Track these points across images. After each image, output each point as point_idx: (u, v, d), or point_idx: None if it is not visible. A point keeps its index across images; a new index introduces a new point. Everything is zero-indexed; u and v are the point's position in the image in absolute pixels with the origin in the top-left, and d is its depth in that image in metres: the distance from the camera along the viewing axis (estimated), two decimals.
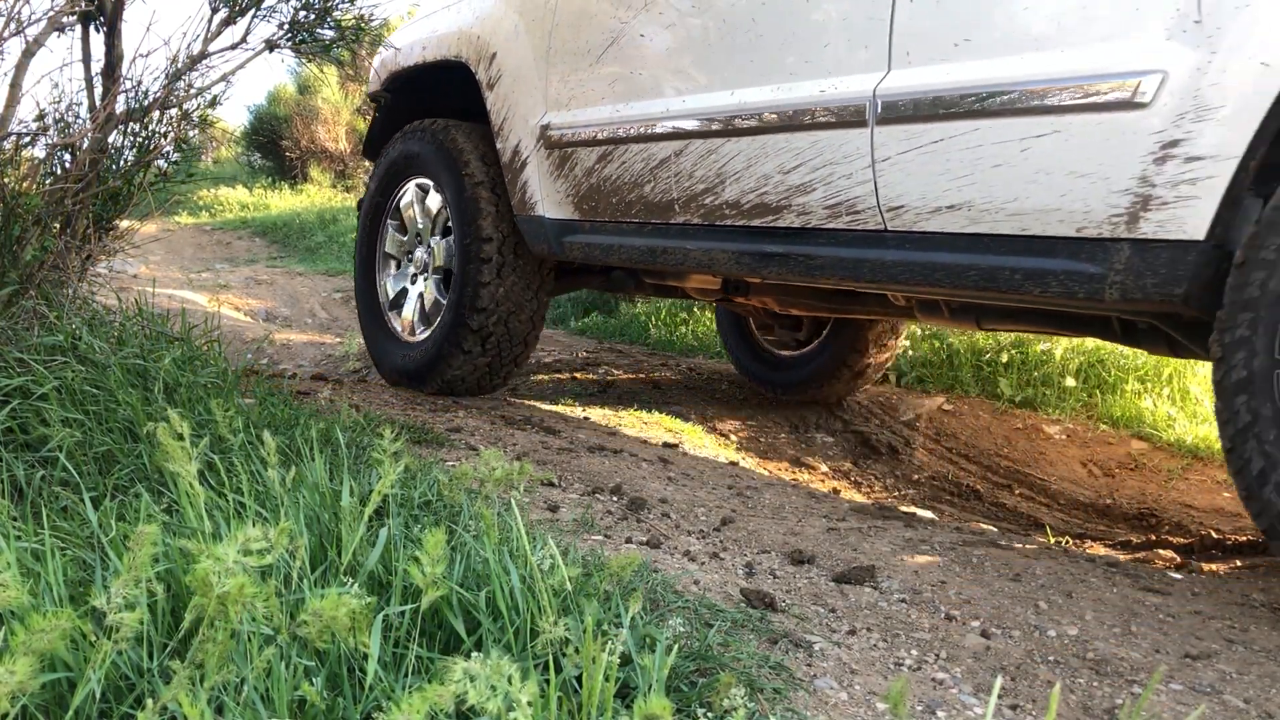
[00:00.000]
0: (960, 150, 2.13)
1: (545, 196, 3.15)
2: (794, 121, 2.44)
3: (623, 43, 2.88)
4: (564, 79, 3.06)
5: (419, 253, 3.54)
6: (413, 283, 3.59)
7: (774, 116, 2.49)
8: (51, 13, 2.49)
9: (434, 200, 3.47)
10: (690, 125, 2.70)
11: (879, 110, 2.26)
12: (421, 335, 3.48)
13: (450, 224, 3.37)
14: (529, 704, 0.81)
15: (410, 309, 3.57)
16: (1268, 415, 1.67)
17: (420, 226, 3.53)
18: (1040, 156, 2.01)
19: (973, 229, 2.15)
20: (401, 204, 3.61)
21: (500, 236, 3.24)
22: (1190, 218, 1.82)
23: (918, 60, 2.21)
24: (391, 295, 3.65)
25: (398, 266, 3.65)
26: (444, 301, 3.39)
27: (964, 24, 2.13)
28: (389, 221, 3.65)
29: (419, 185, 3.54)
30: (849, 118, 2.32)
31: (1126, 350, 4.99)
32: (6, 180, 2.28)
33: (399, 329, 3.58)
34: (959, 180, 2.14)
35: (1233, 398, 1.72)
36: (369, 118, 3.86)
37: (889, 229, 2.30)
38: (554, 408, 3.75)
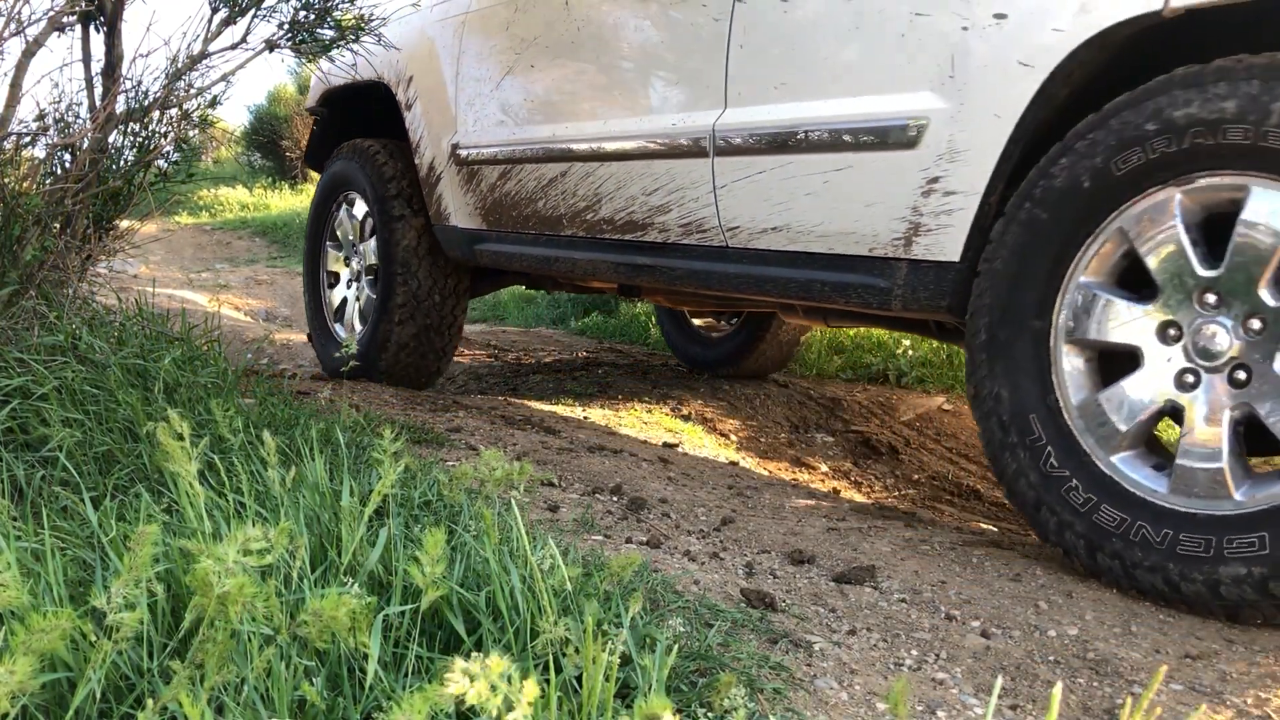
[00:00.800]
0: (780, 180, 2.45)
1: (457, 209, 3.49)
2: (654, 150, 2.76)
3: (516, 73, 3.21)
4: (470, 103, 3.40)
5: (354, 262, 3.92)
6: (348, 287, 3.99)
7: (638, 145, 2.81)
8: (51, 13, 2.49)
9: (359, 209, 3.86)
10: (572, 149, 3.00)
11: (717, 143, 2.58)
12: (359, 334, 3.83)
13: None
14: (529, 704, 0.81)
15: (350, 311, 3.96)
16: (1012, 451, 2.03)
17: (351, 237, 3.91)
18: (839, 187, 2.33)
19: (792, 248, 2.48)
20: (337, 221, 3.98)
21: (415, 243, 3.59)
22: (949, 242, 2.15)
23: (746, 101, 2.52)
24: (335, 307, 4.04)
25: (337, 280, 4.06)
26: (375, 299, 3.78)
27: (780, 69, 2.44)
28: (328, 243, 4.04)
29: (349, 200, 3.89)
30: (695, 149, 2.63)
31: None
32: (6, 180, 2.28)
33: (343, 335, 3.95)
34: (779, 206, 2.47)
35: (977, 385, 2.09)
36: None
37: (729, 246, 2.63)
38: (554, 408, 3.75)
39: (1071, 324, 1.94)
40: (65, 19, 2.56)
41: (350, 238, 3.92)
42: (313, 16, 2.82)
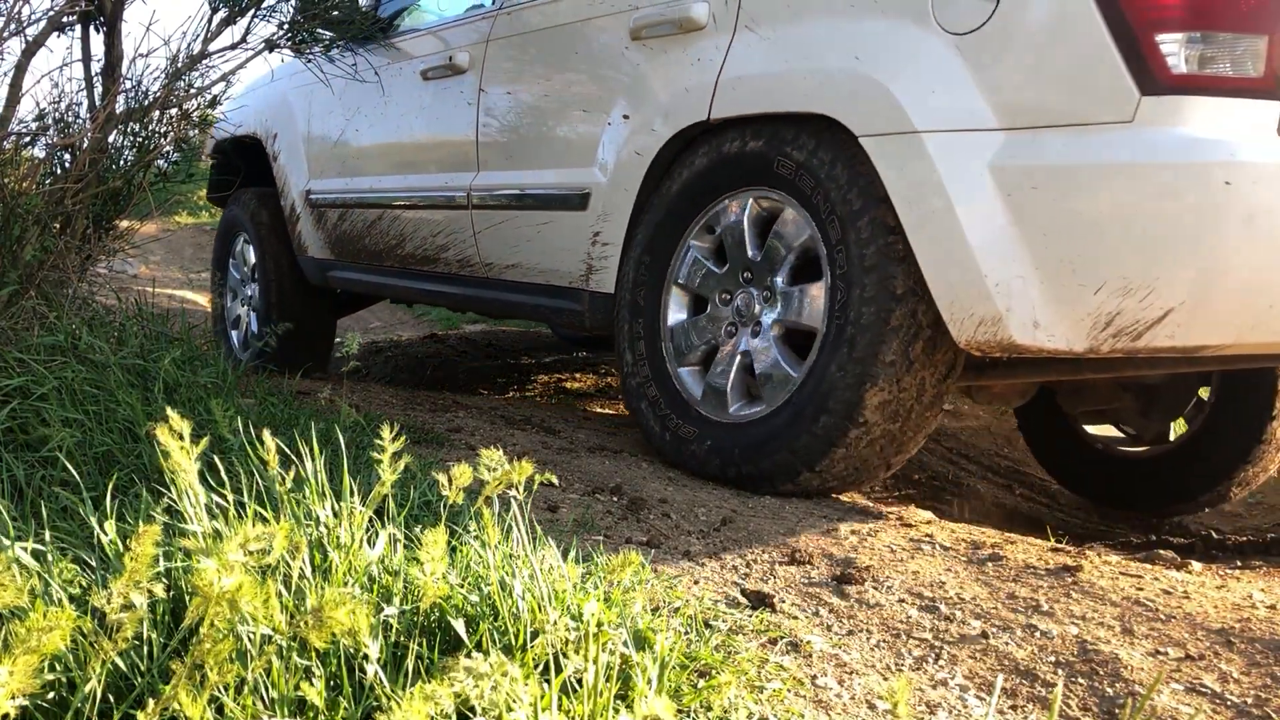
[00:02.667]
0: (513, 229, 3.17)
1: (312, 243, 4.21)
2: (436, 202, 3.48)
3: (347, 134, 3.94)
4: (317, 157, 4.11)
5: (246, 287, 4.65)
6: (242, 305, 4.70)
7: (426, 198, 3.53)
8: (51, 13, 2.49)
9: (250, 253, 4.59)
10: (384, 199, 3.74)
11: (473, 199, 3.30)
12: (249, 338, 4.59)
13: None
14: (529, 704, 0.81)
15: (244, 323, 4.68)
16: (652, 396, 2.70)
17: (245, 268, 4.65)
18: (547, 236, 3.04)
19: (525, 279, 3.18)
20: (233, 255, 4.75)
21: (281, 272, 4.35)
22: (607, 279, 2.84)
23: (490, 167, 3.27)
24: (231, 319, 4.78)
25: (234, 295, 4.77)
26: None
27: (508, 145, 3.20)
28: (230, 264, 4.77)
29: (240, 239, 4.65)
30: (461, 202, 3.35)
31: None
32: (6, 180, 2.28)
33: (236, 343, 4.69)
34: (515, 248, 3.19)
35: (627, 383, 2.78)
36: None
37: (492, 278, 3.34)
38: (554, 407, 3.75)
39: (680, 275, 2.68)
40: (65, 19, 2.56)
41: (244, 268, 4.68)
42: (312, 16, 2.82)
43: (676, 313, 2.70)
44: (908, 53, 2.18)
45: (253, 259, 4.50)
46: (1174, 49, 1.89)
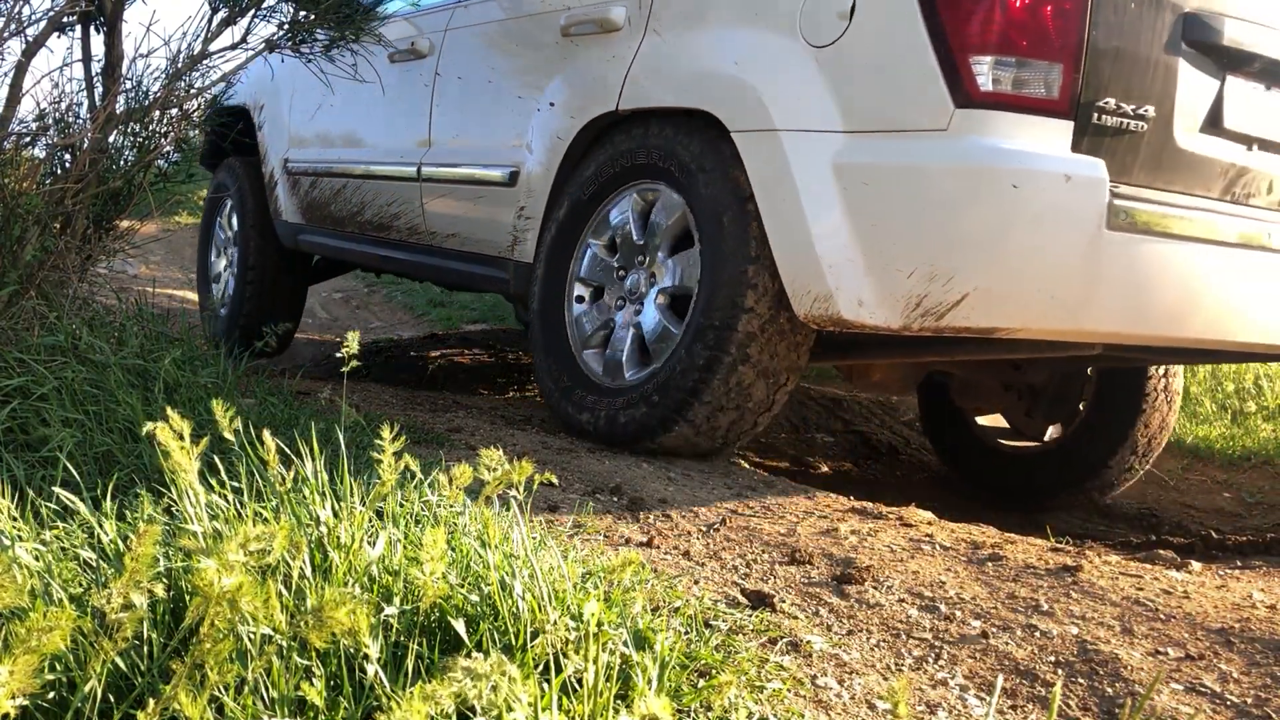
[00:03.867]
0: (455, 201, 3.49)
1: (287, 207, 4.48)
2: (391, 175, 3.80)
3: (323, 107, 4.17)
4: (296, 128, 4.41)
5: (229, 250, 4.92)
6: (224, 267, 4.97)
7: (383, 170, 3.85)
8: (51, 13, 2.49)
9: (234, 216, 4.88)
10: (348, 169, 4.05)
11: (423, 173, 3.61)
12: (227, 303, 4.88)
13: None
14: (529, 704, 0.81)
15: (224, 280, 4.96)
16: (542, 356, 3.00)
17: (228, 231, 4.93)
18: (483, 209, 3.36)
19: (464, 248, 3.48)
20: (219, 216, 5.05)
21: (260, 233, 4.62)
22: (529, 249, 3.11)
23: (439, 144, 3.59)
24: (213, 274, 5.08)
25: (219, 254, 5.09)
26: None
27: (456, 125, 3.55)
28: (216, 224, 5.07)
29: (229, 202, 4.91)
30: (412, 176, 3.66)
31: None
32: (6, 180, 2.28)
33: (215, 295, 5.02)
34: (455, 219, 3.51)
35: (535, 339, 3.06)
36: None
37: (434, 245, 3.64)
38: None
39: (581, 269, 2.96)
40: (65, 19, 2.56)
41: (229, 231, 4.94)
42: (312, 17, 2.82)
43: (580, 300, 3.00)
44: (776, 61, 2.47)
45: (235, 222, 4.83)
46: (984, 70, 2.18)
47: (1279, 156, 2.59)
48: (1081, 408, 3.46)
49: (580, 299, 2.98)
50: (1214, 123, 2.44)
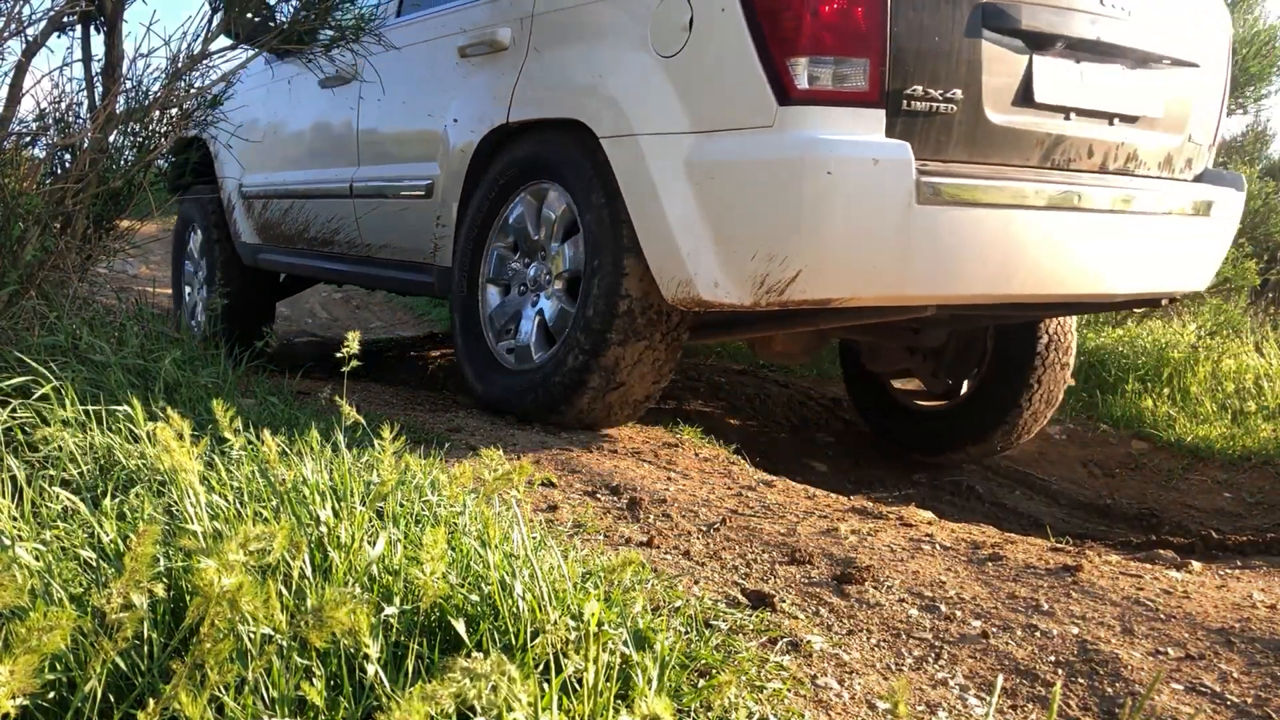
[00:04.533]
0: (384, 214, 3.80)
1: (245, 229, 4.85)
2: (330, 192, 4.13)
3: (268, 134, 4.58)
4: (247, 155, 4.58)
5: (199, 273, 5.34)
6: (194, 288, 5.40)
7: (322, 188, 4.18)
8: (52, 13, 2.49)
9: (199, 241, 5.30)
10: (294, 190, 4.40)
11: (355, 189, 3.94)
12: (199, 316, 5.27)
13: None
14: (529, 704, 0.81)
15: (196, 300, 5.42)
16: (462, 347, 3.30)
17: (195, 258, 5.36)
18: (407, 220, 3.64)
19: (396, 257, 3.81)
20: (187, 239, 5.44)
21: (224, 255, 4.99)
22: (448, 254, 3.39)
23: (366, 163, 3.92)
24: (186, 295, 5.50)
25: (189, 277, 5.48)
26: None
27: (380, 143, 3.88)
28: (186, 250, 5.47)
29: (192, 229, 5.31)
30: (347, 192, 3.99)
31: (1127, 350, 5.00)
32: (7, 180, 2.28)
33: (188, 316, 5.42)
34: (384, 231, 3.83)
35: (456, 328, 3.35)
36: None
37: (371, 256, 3.99)
38: None
39: (490, 270, 3.24)
40: (65, 19, 2.56)
41: (196, 255, 5.34)
42: (313, 17, 2.82)
43: (492, 298, 3.30)
44: (632, 73, 2.71)
45: (201, 246, 5.22)
46: (799, 70, 2.41)
47: (1097, 123, 2.85)
48: (981, 367, 3.75)
49: (491, 295, 3.27)
50: (1025, 99, 2.68)
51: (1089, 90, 2.82)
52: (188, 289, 5.44)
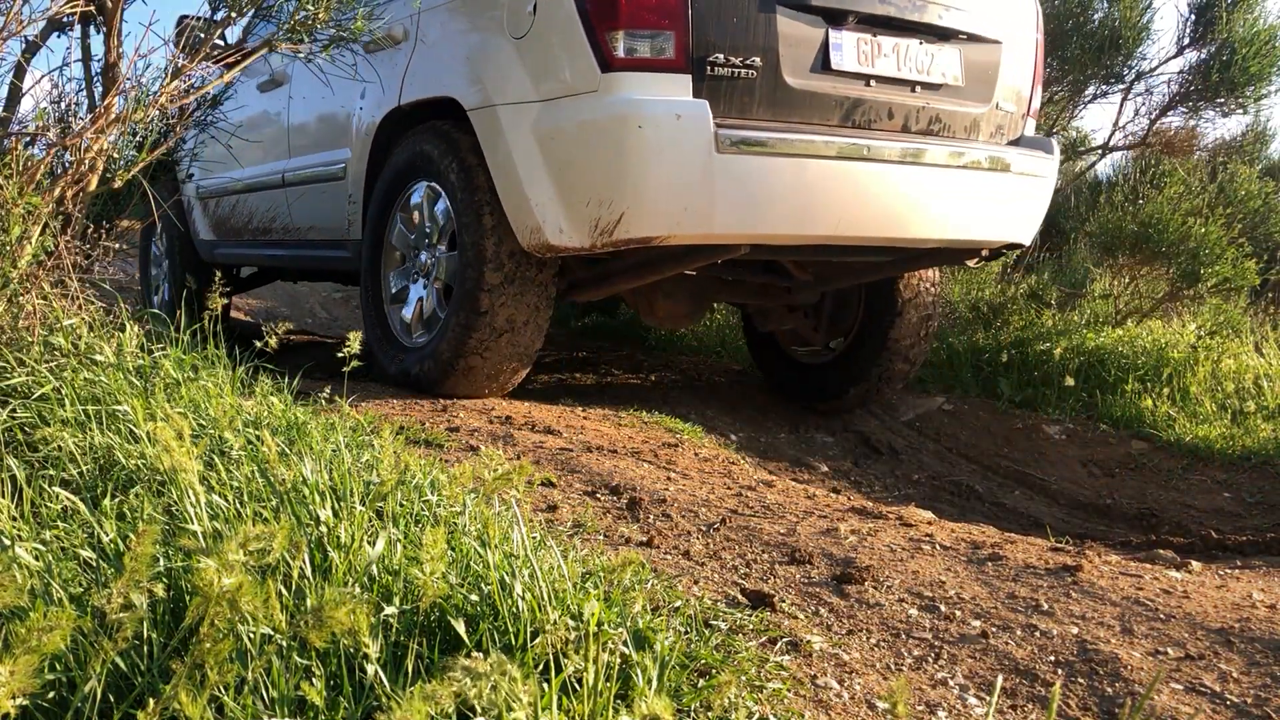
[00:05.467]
0: (311, 199, 4.21)
1: (203, 227, 5.35)
2: (265, 185, 4.58)
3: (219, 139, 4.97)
4: (202, 155, 4.92)
5: (164, 264, 5.82)
6: (160, 281, 5.88)
7: (260, 181, 4.62)
8: (52, 12, 2.49)
9: (163, 239, 5.82)
10: (240, 185, 4.84)
11: (286, 179, 4.40)
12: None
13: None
14: (529, 704, 0.81)
15: (159, 293, 5.90)
16: (366, 322, 3.75)
17: (159, 254, 5.88)
18: (328, 202, 4.08)
19: (322, 238, 4.23)
20: (153, 240, 5.93)
21: (184, 253, 5.48)
22: (359, 228, 3.86)
23: (296, 154, 4.36)
24: (153, 288, 5.96)
25: (156, 270, 5.97)
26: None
27: (306, 135, 4.31)
28: (151, 247, 6.00)
29: (158, 228, 5.72)
30: (279, 183, 4.44)
31: (1126, 350, 5.00)
32: (6, 180, 2.28)
33: (155, 302, 5.91)
34: (313, 214, 4.23)
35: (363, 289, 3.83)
36: None
37: (303, 239, 4.40)
38: (554, 408, 3.75)
39: (396, 251, 3.65)
40: (65, 19, 2.56)
41: (160, 252, 5.82)
42: (318, 14, 2.82)
43: (391, 271, 3.71)
44: (491, 53, 3.15)
45: (164, 244, 5.65)
46: (618, 42, 2.81)
47: (898, 90, 3.24)
48: (854, 326, 4.22)
49: (393, 267, 3.69)
50: (824, 67, 3.07)
51: (888, 61, 3.21)
52: (156, 281, 5.90)
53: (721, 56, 2.88)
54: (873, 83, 3.18)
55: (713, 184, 2.84)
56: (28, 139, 2.52)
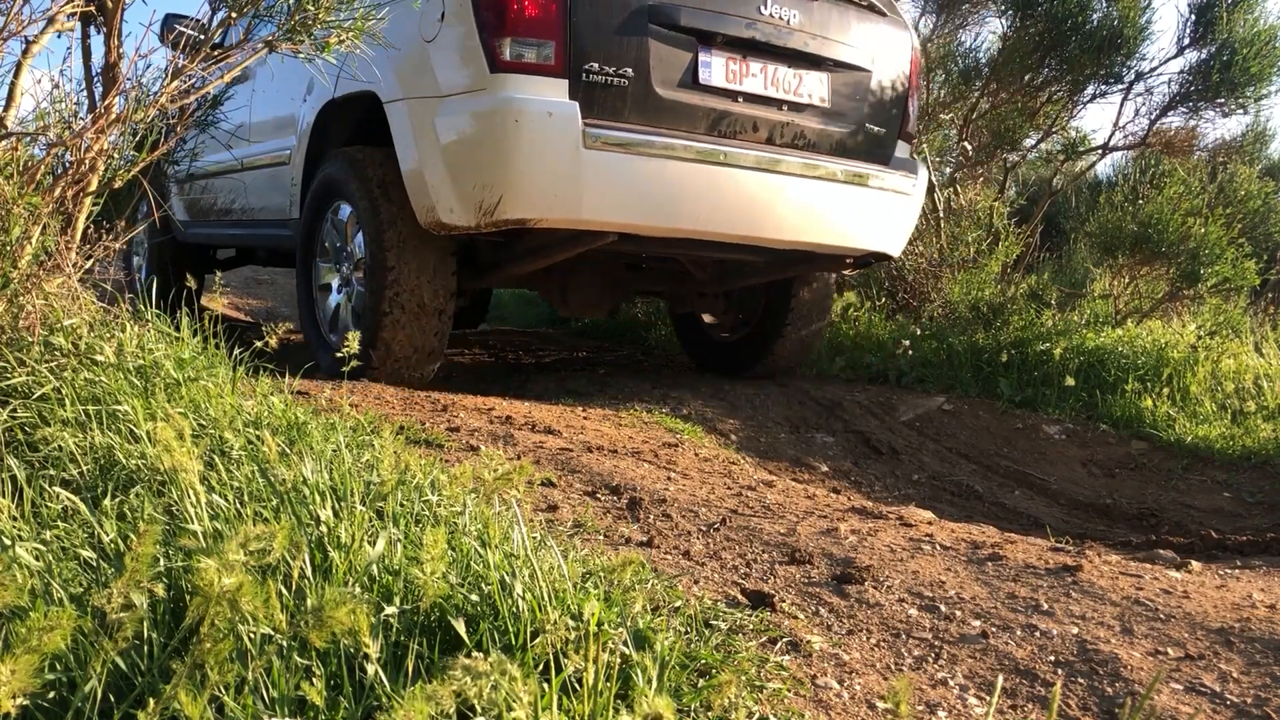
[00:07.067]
0: (263, 182, 4.67)
1: (179, 209, 5.76)
2: (228, 170, 5.00)
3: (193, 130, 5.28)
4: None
5: (144, 246, 6.24)
6: (138, 259, 6.39)
7: (226, 167, 5.02)
8: (52, 12, 2.49)
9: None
10: (208, 170, 5.28)
11: (244, 164, 4.86)
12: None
13: None
14: (529, 703, 0.81)
15: (138, 270, 6.38)
16: (300, 310, 4.26)
17: (139, 239, 6.36)
18: (275, 184, 4.54)
19: (270, 218, 4.65)
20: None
21: (161, 232, 5.70)
22: (292, 209, 4.38)
23: (254, 142, 4.77)
24: (134, 266, 6.41)
25: (134, 250, 6.41)
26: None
27: (262, 125, 4.74)
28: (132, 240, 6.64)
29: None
30: (240, 168, 4.87)
31: (1126, 350, 5.00)
32: (7, 180, 2.28)
33: (135, 278, 6.38)
34: (263, 194, 4.69)
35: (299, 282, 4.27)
36: None
37: (256, 219, 4.83)
38: (554, 408, 3.75)
39: (324, 255, 4.08)
40: (65, 19, 2.56)
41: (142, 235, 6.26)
42: (318, 14, 2.82)
43: (321, 258, 4.13)
44: (407, 54, 3.51)
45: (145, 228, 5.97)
46: (505, 48, 3.21)
47: (762, 106, 3.61)
48: (759, 313, 4.78)
49: (326, 238, 4.08)
50: (694, 81, 3.46)
51: (756, 80, 3.59)
52: (136, 260, 6.34)
53: (596, 66, 3.28)
54: (740, 99, 3.56)
55: (580, 175, 3.22)
56: (28, 139, 2.52)
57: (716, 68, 3.48)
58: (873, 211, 3.91)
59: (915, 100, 4.16)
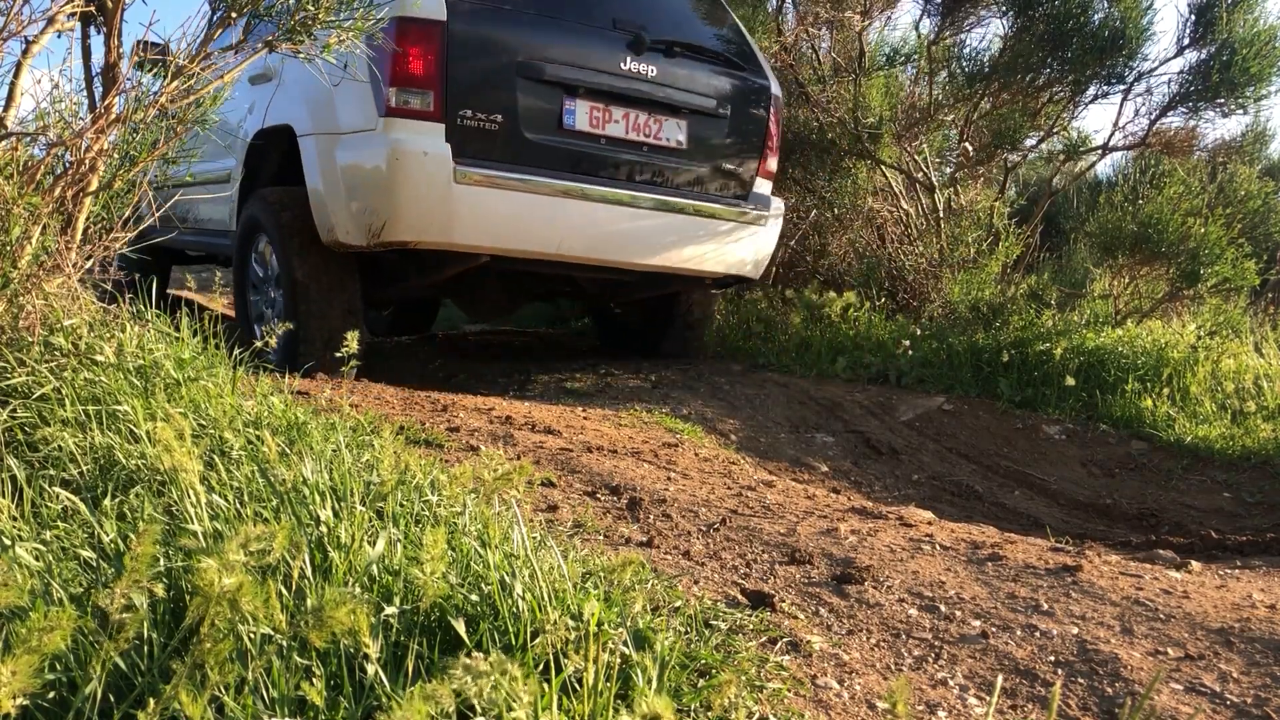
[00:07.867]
0: (209, 197, 5.04)
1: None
2: (185, 183, 4.89)
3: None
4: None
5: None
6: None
7: (183, 180, 5.33)
8: (52, 12, 2.49)
9: None
10: (173, 181, 5.73)
11: (196, 178, 4.84)
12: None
13: None
14: (529, 703, 0.81)
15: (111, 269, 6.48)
16: (237, 305, 4.68)
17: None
18: (220, 199, 4.94)
19: (216, 228, 5.14)
20: None
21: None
22: (232, 221, 4.81)
23: (205, 161, 4.89)
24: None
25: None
26: None
27: (212, 146, 4.79)
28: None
29: None
30: (194, 181, 4.90)
31: (1126, 350, 5.00)
32: (6, 180, 2.28)
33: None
34: (220, 210, 5.02)
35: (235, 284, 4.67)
36: None
37: (207, 229, 5.24)
38: (554, 408, 3.75)
39: (255, 264, 4.48)
40: (65, 19, 2.56)
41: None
42: (318, 14, 2.82)
43: (255, 264, 4.54)
44: (318, 96, 4.02)
45: None
46: (393, 96, 3.71)
47: (624, 148, 4.16)
48: (658, 312, 5.42)
49: (253, 260, 4.48)
50: (559, 126, 4.01)
51: (618, 125, 4.15)
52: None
53: (470, 113, 3.81)
54: (603, 141, 4.10)
55: (450, 205, 3.74)
56: (28, 139, 2.52)
57: (581, 114, 4.03)
58: (727, 241, 4.48)
59: (775, 142, 4.73)
